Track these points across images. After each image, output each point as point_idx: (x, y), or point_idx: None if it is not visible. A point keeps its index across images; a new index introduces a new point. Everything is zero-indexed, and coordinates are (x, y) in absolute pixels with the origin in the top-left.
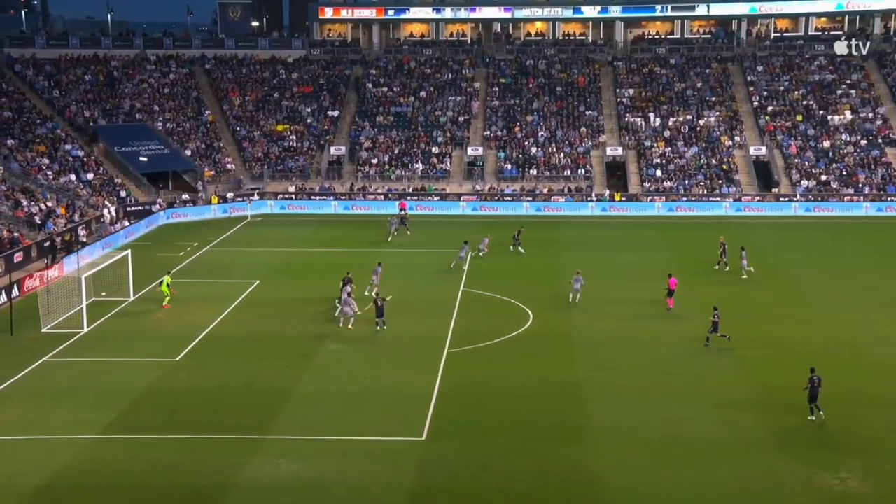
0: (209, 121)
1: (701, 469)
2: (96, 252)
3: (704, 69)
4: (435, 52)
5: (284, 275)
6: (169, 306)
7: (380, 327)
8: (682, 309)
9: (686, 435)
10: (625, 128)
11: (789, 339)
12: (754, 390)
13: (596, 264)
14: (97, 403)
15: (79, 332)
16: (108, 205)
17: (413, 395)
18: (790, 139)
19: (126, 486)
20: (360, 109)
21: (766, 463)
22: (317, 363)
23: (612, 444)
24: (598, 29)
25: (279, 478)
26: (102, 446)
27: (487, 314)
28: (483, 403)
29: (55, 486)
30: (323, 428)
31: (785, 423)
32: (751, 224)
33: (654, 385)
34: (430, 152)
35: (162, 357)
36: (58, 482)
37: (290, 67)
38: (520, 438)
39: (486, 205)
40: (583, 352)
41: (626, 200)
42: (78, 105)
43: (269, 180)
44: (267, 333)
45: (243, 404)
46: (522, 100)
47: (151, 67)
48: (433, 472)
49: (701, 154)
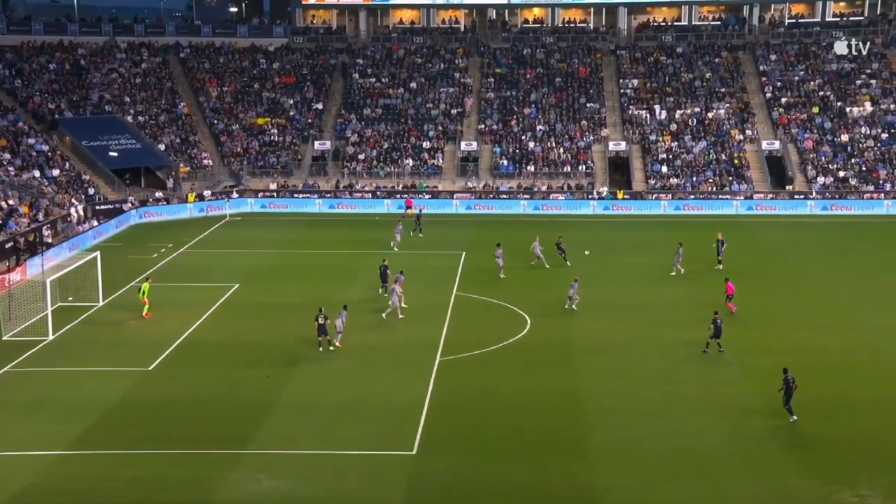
0: (184, 113)
1: (711, 485)
2: (62, 254)
3: (714, 58)
4: (426, 41)
5: (266, 278)
6: (149, 315)
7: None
8: (690, 313)
9: (695, 448)
10: (628, 121)
11: (806, 345)
12: (768, 400)
13: (598, 266)
14: (64, 417)
15: (44, 339)
16: (76, 203)
17: (403, 406)
18: (805, 133)
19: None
20: (347, 101)
21: (782, 478)
22: (301, 372)
23: (617, 458)
24: (601, 15)
25: (260, 495)
26: (70, 463)
27: (482, 320)
28: (478, 415)
29: None
30: (307, 441)
31: (801, 436)
32: (763, 223)
33: (660, 395)
34: (421, 147)
35: (134, 366)
36: (21, 500)
37: (271, 56)
38: (517, 452)
39: (480, 203)
40: (584, 359)
41: (630, 199)
42: (42, 96)
43: (249, 177)
44: (247, 340)
45: (222, 416)
46: (519, 91)
47: (122, 56)
48: (425, 488)
49: (710, 149)
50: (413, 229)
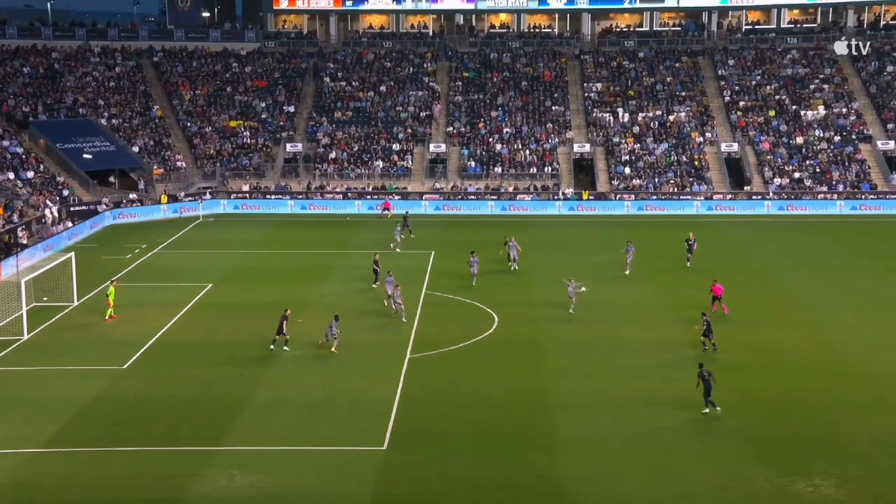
0: (158, 116)
1: (673, 478)
2: (37, 255)
3: (674, 63)
4: (395, 45)
5: (238, 278)
6: (114, 318)
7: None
8: (654, 312)
9: (658, 443)
10: (592, 123)
11: (764, 342)
12: (728, 395)
13: (564, 266)
14: (38, 415)
15: (18, 339)
16: (50, 204)
17: (373, 402)
18: (762, 135)
19: (69, 502)
20: (318, 104)
21: (740, 470)
22: (274, 370)
23: (581, 452)
24: (565, 21)
25: (233, 491)
26: (43, 461)
27: (451, 318)
28: (446, 411)
29: None
30: (280, 438)
31: (758, 429)
32: (722, 223)
33: (624, 391)
34: (391, 149)
35: (108, 365)
36: None
37: (243, 60)
38: (485, 447)
39: (448, 204)
40: (550, 357)
41: (595, 199)
42: (16, 99)
43: (226, 180)
44: (221, 339)
45: (195, 414)
46: (486, 94)
47: (95, 60)
48: (395, 482)
49: (671, 151)
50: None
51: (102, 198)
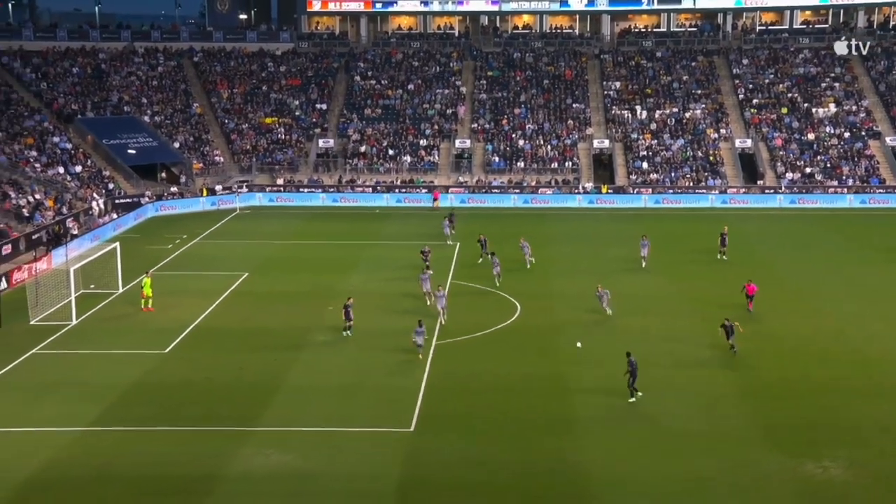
0: (197, 113)
1: (686, 460)
2: (85, 245)
3: (690, 62)
4: (423, 45)
5: (273, 267)
6: (150, 309)
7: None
8: (668, 302)
9: (671, 427)
10: (611, 120)
11: (774, 330)
12: (739, 382)
13: (583, 257)
14: (85, 396)
15: (67, 324)
16: (97, 197)
17: (401, 387)
18: (775, 132)
19: (114, 477)
20: (349, 102)
21: (751, 454)
22: (306, 356)
23: (598, 436)
24: (585, 22)
25: (269, 469)
26: (90, 439)
27: (475, 306)
28: (470, 395)
29: (42, 479)
30: (312, 420)
31: (769, 415)
32: (736, 216)
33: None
34: (419, 145)
35: (151, 349)
36: (45, 475)
37: (278, 60)
38: (506, 430)
39: (473, 197)
40: (570, 344)
41: (613, 193)
42: (66, 97)
43: (259, 173)
44: (256, 326)
45: (232, 396)
46: (510, 92)
47: (139, 60)
48: (421, 462)
49: (687, 146)
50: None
51: (145, 191)
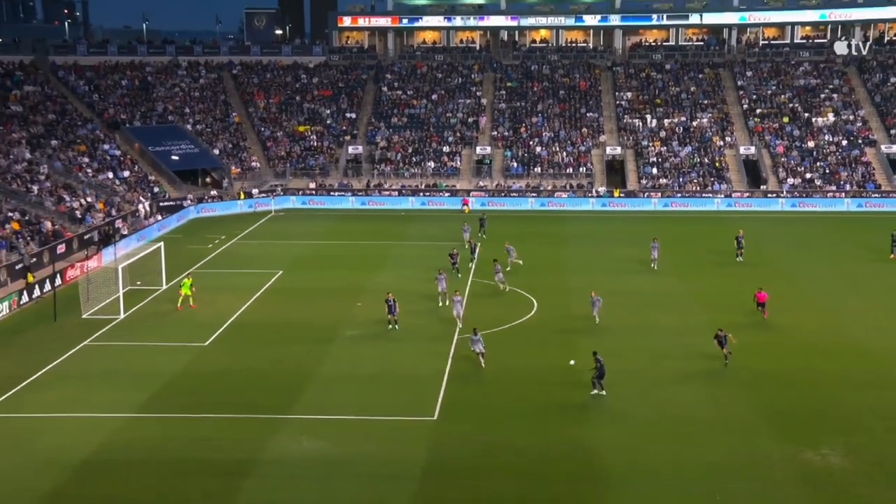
0: (236, 122)
1: (695, 447)
2: (132, 244)
3: (698, 74)
4: (446, 58)
5: (306, 266)
6: (190, 307)
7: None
8: (677, 299)
9: (681, 415)
10: (623, 128)
11: (777, 324)
12: (744, 373)
13: (597, 257)
14: (133, 384)
15: (116, 318)
16: (143, 200)
17: (426, 377)
18: (777, 139)
19: (160, 461)
20: (376, 111)
21: (755, 441)
22: (336, 348)
23: (613, 423)
24: (599, 36)
25: (301, 454)
26: (138, 424)
27: (495, 303)
28: (490, 386)
29: (96, 461)
30: (342, 408)
31: (772, 404)
32: (741, 218)
33: (651, 369)
34: (442, 151)
35: (193, 342)
36: (98, 457)
37: (311, 72)
38: (525, 418)
39: (493, 200)
40: (585, 338)
41: (625, 196)
42: (115, 108)
43: (292, 177)
44: (290, 320)
45: (268, 386)
46: (528, 102)
47: (183, 73)
48: (444, 449)
49: (694, 153)
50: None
51: (187, 194)
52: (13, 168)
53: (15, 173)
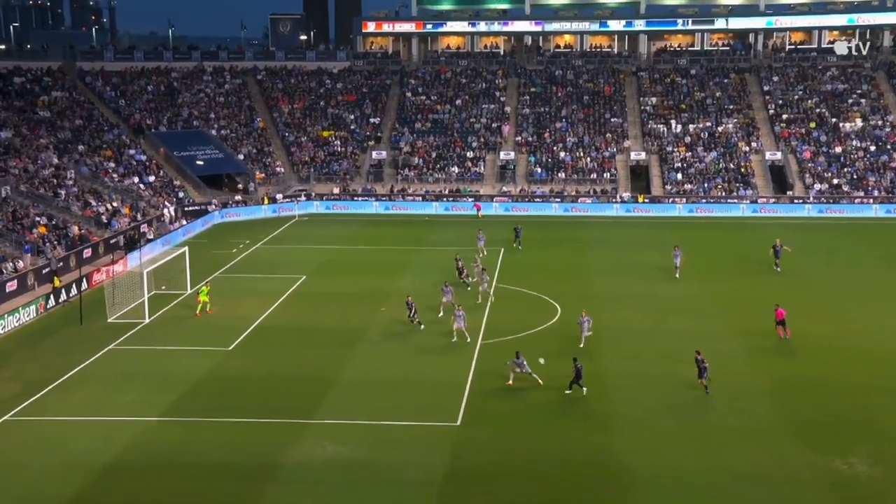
0: (260, 127)
1: (718, 454)
2: (157, 249)
3: (723, 79)
4: (470, 63)
5: (329, 270)
6: (207, 313)
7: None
8: (698, 304)
9: (704, 422)
10: (648, 134)
11: (803, 331)
12: (767, 380)
13: (620, 262)
14: (158, 388)
15: (141, 322)
16: (168, 205)
17: (449, 383)
18: (804, 145)
19: (184, 464)
20: (400, 116)
21: (780, 449)
22: (359, 353)
23: (635, 430)
24: (623, 41)
25: (324, 458)
26: (163, 427)
27: (518, 308)
28: (514, 391)
29: (121, 463)
30: (364, 413)
31: (797, 411)
32: (766, 224)
33: (673, 375)
34: (465, 156)
35: (216, 346)
36: (123, 460)
37: (335, 78)
38: (548, 424)
39: (517, 206)
40: (608, 343)
41: (649, 202)
42: (141, 113)
43: (316, 182)
44: (313, 325)
45: (291, 390)
46: (552, 107)
47: (208, 78)
48: (467, 454)
49: (719, 159)
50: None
51: (212, 199)
52: (41, 173)
53: (42, 178)
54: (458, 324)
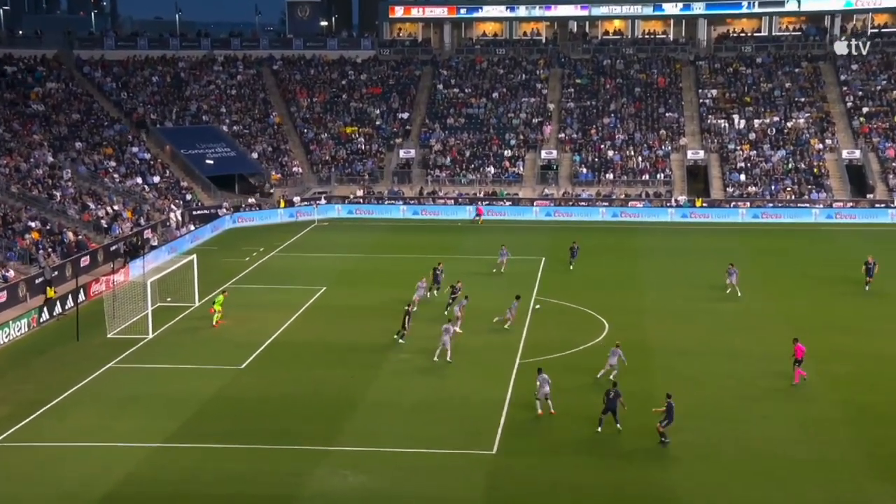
0: (276, 123)
1: (786, 489)
2: (162, 257)
3: (794, 68)
4: (508, 52)
5: (351, 281)
6: (218, 326)
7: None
8: (763, 321)
9: (770, 453)
10: (707, 130)
11: (882, 353)
12: (843, 407)
13: (675, 273)
14: (162, 411)
15: (144, 337)
16: (174, 208)
17: (483, 407)
18: (887, 142)
19: (191, 495)
20: (431, 111)
21: (857, 484)
22: (384, 372)
23: (692, 460)
24: (680, 27)
25: (345, 490)
26: (168, 454)
27: (560, 324)
28: (556, 417)
29: (121, 494)
30: (390, 439)
31: (877, 443)
32: (843, 232)
33: (735, 400)
34: (503, 155)
35: (227, 364)
36: (123, 490)
37: (358, 68)
38: (593, 454)
39: (560, 210)
40: (660, 363)
41: (708, 206)
42: (145, 107)
43: (338, 184)
44: (333, 341)
45: (309, 413)
46: (599, 101)
47: (218, 68)
48: (504, 487)
49: (789, 158)
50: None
51: (223, 202)
52: (34, 173)
53: (35, 178)
54: (444, 337)
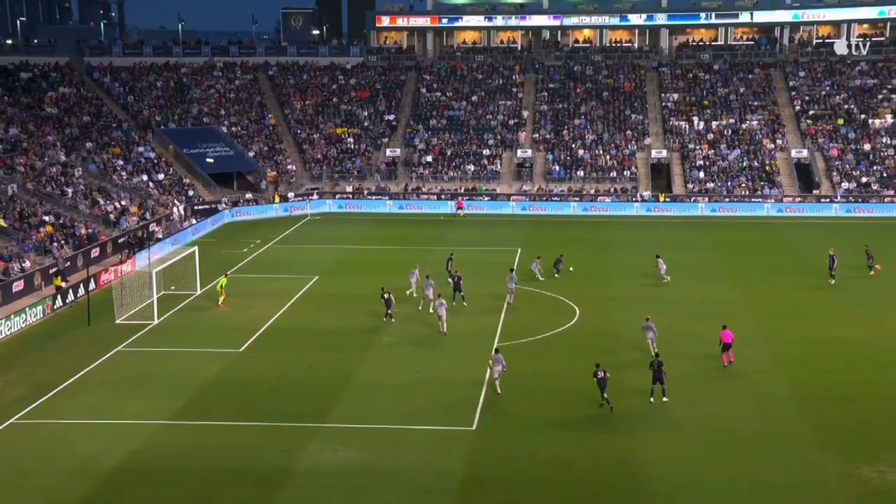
0: (271, 124)
1: (745, 462)
2: (166, 248)
3: (747, 74)
4: (486, 59)
5: (341, 271)
6: (224, 306)
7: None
8: (726, 307)
9: (729, 428)
10: (669, 131)
11: (831, 336)
12: (794, 385)
13: (641, 263)
14: (167, 391)
15: (150, 323)
16: (177, 203)
17: (464, 386)
18: (831, 142)
19: (193, 469)
20: (415, 113)
21: (808, 456)
22: (371, 355)
23: (659, 436)
24: (644, 36)
25: (336, 464)
26: (171, 432)
27: (536, 310)
28: (532, 395)
29: (128, 469)
30: (378, 417)
31: (825, 418)
32: (792, 224)
33: (696, 379)
34: (482, 154)
35: (227, 348)
36: (130, 465)
37: (348, 73)
38: (566, 429)
39: (534, 205)
40: (627, 347)
41: (670, 201)
42: (150, 110)
43: (329, 181)
44: (325, 327)
45: (302, 394)
46: (570, 104)
47: (218, 74)
48: (483, 460)
49: (743, 156)
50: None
51: (222, 197)
52: (48, 171)
53: (49, 176)
54: (441, 310)
